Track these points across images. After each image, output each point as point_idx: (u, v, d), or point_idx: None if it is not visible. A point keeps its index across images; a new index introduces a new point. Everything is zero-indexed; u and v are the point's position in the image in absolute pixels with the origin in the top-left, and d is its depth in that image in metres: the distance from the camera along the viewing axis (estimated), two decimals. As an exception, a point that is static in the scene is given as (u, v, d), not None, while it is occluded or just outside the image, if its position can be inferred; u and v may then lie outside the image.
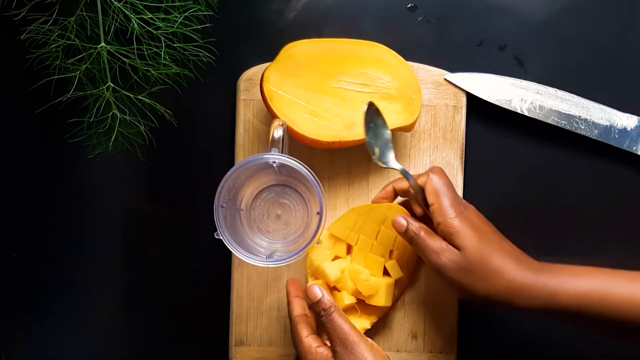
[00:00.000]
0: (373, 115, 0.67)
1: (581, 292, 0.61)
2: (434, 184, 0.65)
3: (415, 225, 0.65)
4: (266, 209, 0.73)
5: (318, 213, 0.65)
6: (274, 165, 0.66)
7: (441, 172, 0.67)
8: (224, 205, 0.66)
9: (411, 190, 0.68)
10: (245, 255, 0.65)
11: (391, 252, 0.72)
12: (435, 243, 0.64)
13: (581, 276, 0.62)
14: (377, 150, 0.67)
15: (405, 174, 0.67)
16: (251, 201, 0.73)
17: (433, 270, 0.64)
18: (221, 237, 0.65)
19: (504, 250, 0.64)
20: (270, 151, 0.65)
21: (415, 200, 0.68)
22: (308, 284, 0.66)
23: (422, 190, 0.66)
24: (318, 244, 0.68)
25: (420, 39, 0.76)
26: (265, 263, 0.65)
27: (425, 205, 0.66)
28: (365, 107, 0.66)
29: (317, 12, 0.76)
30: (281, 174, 0.71)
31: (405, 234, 0.66)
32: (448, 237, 0.63)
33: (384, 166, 0.67)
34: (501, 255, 0.63)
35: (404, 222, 0.66)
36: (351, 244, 0.71)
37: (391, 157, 0.67)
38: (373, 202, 0.72)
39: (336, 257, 0.72)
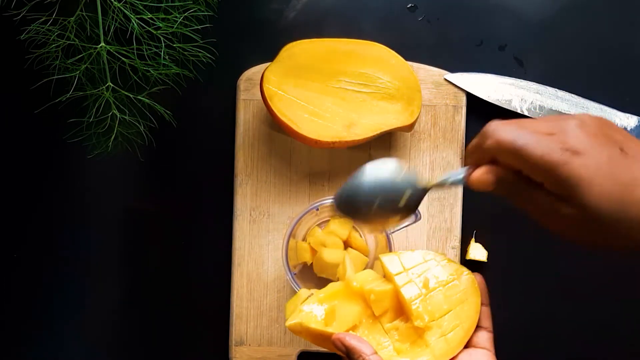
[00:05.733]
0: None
1: None
2: (505, 142, 0.48)
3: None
4: None
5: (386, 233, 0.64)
6: (317, 210, 0.66)
7: (500, 125, 0.49)
8: (296, 272, 0.64)
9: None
10: None
11: None
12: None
13: None
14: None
15: (453, 177, 0.54)
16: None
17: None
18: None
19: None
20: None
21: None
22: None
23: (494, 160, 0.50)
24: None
25: (420, 39, 0.76)
26: None
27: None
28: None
29: (317, 12, 0.76)
30: (321, 213, 0.70)
31: None
32: (566, 193, 0.47)
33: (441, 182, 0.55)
34: None
35: None
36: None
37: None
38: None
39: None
